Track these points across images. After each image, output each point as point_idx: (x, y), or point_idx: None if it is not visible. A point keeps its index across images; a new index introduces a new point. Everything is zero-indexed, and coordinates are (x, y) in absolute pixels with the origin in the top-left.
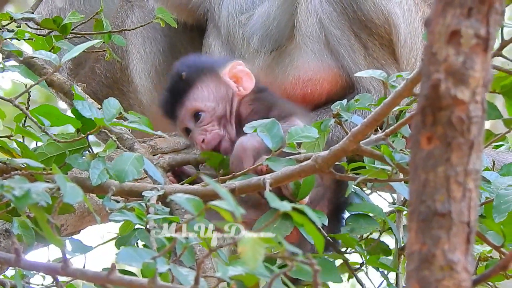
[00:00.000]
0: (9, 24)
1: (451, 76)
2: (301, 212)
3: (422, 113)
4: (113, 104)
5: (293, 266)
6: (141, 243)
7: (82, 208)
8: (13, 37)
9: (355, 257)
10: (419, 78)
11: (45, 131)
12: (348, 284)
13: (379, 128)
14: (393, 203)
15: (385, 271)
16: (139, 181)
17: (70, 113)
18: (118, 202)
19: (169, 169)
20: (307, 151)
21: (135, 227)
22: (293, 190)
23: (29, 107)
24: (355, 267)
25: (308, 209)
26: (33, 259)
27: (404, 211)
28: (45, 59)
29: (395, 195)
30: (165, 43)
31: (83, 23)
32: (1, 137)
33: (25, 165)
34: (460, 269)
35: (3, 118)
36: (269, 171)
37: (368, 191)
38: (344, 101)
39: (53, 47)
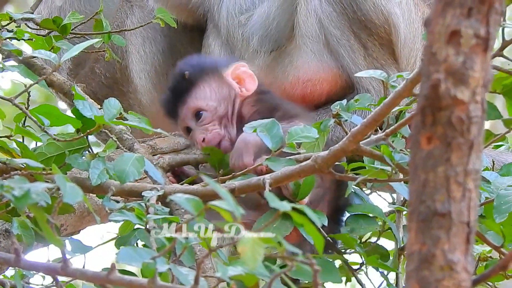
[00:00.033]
0: (8, 24)
1: (451, 76)
2: (301, 212)
3: (422, 113)
4: (113, 104)
5: (293, 266)
6: (140, 243)
7: (81, 208)
8: (12, 37)
9: (355, 258)
10: (419, 78)
11: (45, 131)
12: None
13: (379, 128)
14: (393, 203)
15: (385, 272)
16: (138, 181)
17: (70, 113)
18: (118, 202)
19: (169, 170)
20: (307, 151)
21: (135, 227)
22: (293, 190)
23: (28, 106)
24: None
25: (308, 209)
26: (32, 259)
27: (404, 211)
28: (45, 59)
29: (395, 195)
30: (165, 43)
31: (83, 23)
32: (0, 137)
33: (25, 165)
34: (460, 269)
35: (2, 118)
36: (269, 171)
37: (367, 191)
38: (343, 101)
39: (52, 47)
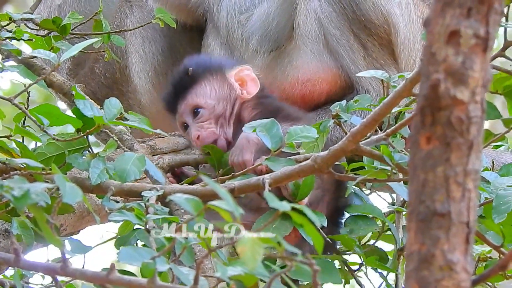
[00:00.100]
0: (8, 24)
1: (450, 76)
2: (300, 212)
3: (421, 113)
4: (114, 103)
5: (292, 266)
6: (140, 243)
7: (81, 208)
8: (11, 37)
9: (354, 259)
10: (418, 78)
11: (45, 131)
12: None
13: (378, 128)
14: (392, 203)
15: (384, 272)
16: (138, 181)
17: (69, 113)
18: (117, 202)
19: (169, 170)
20: (307, 151)
21: (135, 227)
22: (292, 191)
23: (28, 106)
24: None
25: (307, 210)
26: (32, 259)
27: (403, 212)
28: (44, 59)
29: (394, 195)
30: (165, 43)
31: (83, 23)
32: (0, 137)
33: (25, 165)
34: (459, 269)
35: (2, 118)
36: (268, 171)
37: (367, 191)
38: (343, 102)
39: (52, 48)
